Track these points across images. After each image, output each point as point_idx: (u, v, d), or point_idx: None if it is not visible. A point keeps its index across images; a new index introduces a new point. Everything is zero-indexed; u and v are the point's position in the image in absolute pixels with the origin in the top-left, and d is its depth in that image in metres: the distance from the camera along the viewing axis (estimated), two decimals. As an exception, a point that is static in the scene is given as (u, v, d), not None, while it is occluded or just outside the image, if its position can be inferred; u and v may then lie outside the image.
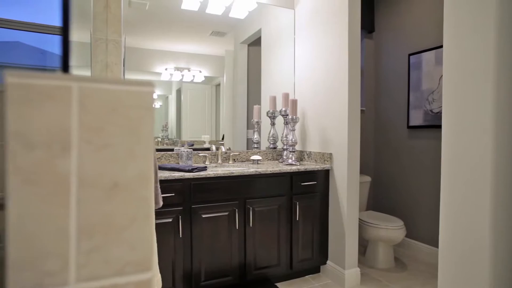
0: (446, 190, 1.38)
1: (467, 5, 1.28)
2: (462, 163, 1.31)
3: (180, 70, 2.41)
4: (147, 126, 0.31)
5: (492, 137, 1.21)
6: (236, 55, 2.67)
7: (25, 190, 0.27)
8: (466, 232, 1.29)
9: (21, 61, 2.16)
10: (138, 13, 2.19)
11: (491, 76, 1.21)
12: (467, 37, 1.29)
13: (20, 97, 0.26)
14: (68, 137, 0.28)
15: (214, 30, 2.51)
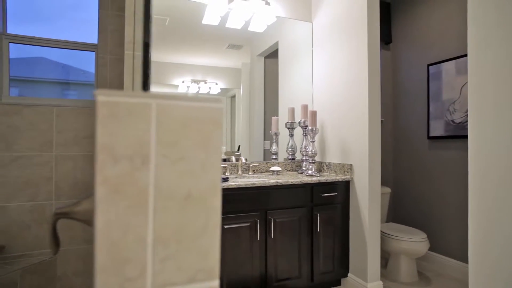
0: (474, 203, 1.35)
1: (494, 14, 1.27)
2: (490, 175, 1.29)
3: (196, 82, 2.46)
4: (217, 140, 0.33)
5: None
6: (252, 67, 2.70)
7: (111, 199, 0.29)
8: (498, 247, 1.26)
9: (45, 75, 2.25)
10: (158, 28, 2.25)
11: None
12: (493, 46, 1.28)
13: (108, 113, 0.28)
14: (148, 151, 0.30)
15: (230, 43, 2.56)
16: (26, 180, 1.92)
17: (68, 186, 2.02)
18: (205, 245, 0.32)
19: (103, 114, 0.28)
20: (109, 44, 2.15)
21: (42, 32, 2.11)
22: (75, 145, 2.05)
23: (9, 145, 1.90)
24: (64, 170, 2.02)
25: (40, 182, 1.96)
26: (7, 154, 1.89)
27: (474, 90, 1.36)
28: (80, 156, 2.05)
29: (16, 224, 1.89)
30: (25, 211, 1.91)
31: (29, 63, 2.19)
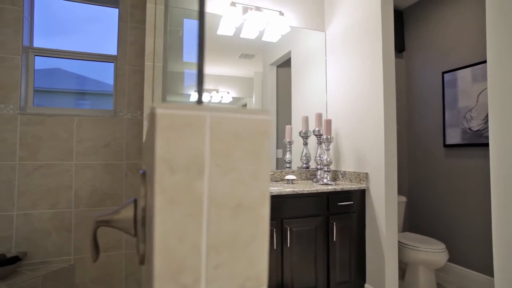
0: (497, 212, 1.32)
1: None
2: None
3: (208, 91, 2.49)
4: (266, 151, 0.34)
5: (549, 157, 1.16)
6: (265, 76, 2.73)
7: (169, 209, 0.30)
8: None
9: (60, 86, 2.31)
10: (172, 39, 2.30)
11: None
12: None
13: (166, 126, 0.30)
14: (202, 161, 0.31)
15: (243, 52, 2.59)
16: (47, 188, 1.97)
17: (87, 194, 2.06)
18: (255, 253, 0.33)
19: (161, 127, 0.30)
20: (128, 55, 2.21)
21: (59, 44, 2.18)
22: (94, 154, 2.09)
23: (33, 154, 1.95)
24: (83, 178, 2.06)
25: (61, 190, 2.00)
26: (30, 163, 1.94)
27: (495, 96, 1.35)
28: (98, 165, 2.09)
29: (38, 231, 1.93)
30: (46, 219, 1.96)
31: (46, 74, 2.26)
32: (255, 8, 2.41)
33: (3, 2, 1.93)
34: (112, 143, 2.13)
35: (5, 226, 1.86)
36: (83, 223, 2.04)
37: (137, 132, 2.20)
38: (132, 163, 2.16)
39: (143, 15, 2.27)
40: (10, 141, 1.91)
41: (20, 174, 1.92)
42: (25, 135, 1.94)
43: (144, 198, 0.48)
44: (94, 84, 2.37)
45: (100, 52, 2.25)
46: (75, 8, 2.24)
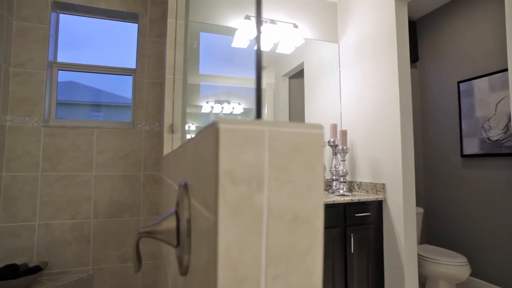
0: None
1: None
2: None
3: (220, 103, 2.51)
4: (320, 164, 0.35)
5: None
6: (277, 87, 2.75)
7: (232, 221, 0.31)
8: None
9: (74, 98, 2.37)
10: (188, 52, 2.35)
11: None
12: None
13: (229, 140, 0.31)
14: (262, 174, 0.32)
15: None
16: (68, 199, 2.01)
17: (106, 205, 2.09)
18: (310, 265, 0.34)
19: (224, 141, 0.31)
20: (146, 68, 2.27)
21: (74, 58, 2.25)
22: (113, 165, 2.13)
23: (55, 165, 2.00)
24: (102, 189, 2.09)
25: (80, 201, 2.03)
26: (53, 174, 1.99)
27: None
28: (117, 176, 2.13)
29: (58, 241, 1.96)
30: (66, 229, 1.99)
31: (61, 87, 2.31)
32: (270, 21, 2.45)
33: (32, 21, 2.01)
34: (130, 155, 2.16)
35: (28, 236, 1.90)
36: (102, 233, 2.06)
37: (154, 143, 2.23)
38: (150, 174, 2.19)
39: (161, 29, 2.34)
40: (34, 153, 1.96)
41: (43, 185, 1.96)
42: (47, 147, 2.00)
43: (188, 209, 0.49)
44: (106, 96, 2.42)
45: (115, 65, 2.31)
46: (92, 22, 2.32)
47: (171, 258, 0.76)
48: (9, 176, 1.90)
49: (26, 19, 2.01)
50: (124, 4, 2.24)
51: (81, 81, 2.34)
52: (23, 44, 1.99)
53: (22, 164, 1.94)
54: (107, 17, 2.32)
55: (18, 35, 1.99)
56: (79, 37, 2.30)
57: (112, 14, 2.30)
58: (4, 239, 1.86)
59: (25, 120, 1.96)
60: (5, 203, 1.88)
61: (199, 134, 0.41)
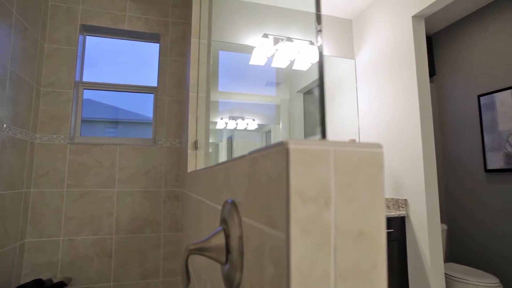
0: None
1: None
2: None
3: (234, 119, 2.53)
4: (381, 182, 0.35)
5: None
6: (291, 103, 2.77)
7: (303, 238, 0.32)
8: None
9: (92, 115, 2.42)
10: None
11: None
12: None
13: (298, 160, 0.33)
14: (329, 192, 0.33)
15: (269, 80, 2.66)
16: (91, 214, 2.04)
17: (127, 221, 2.11)
18: (375, 281, 0.34)
19: (294, 161, 0.32)
20: (167, 86, 2.33)
21: (90, 76, 2.33)
22: (134, 181, 2.16)
23: (79, 181, 2.05)
24: (124, 205, 2.12)
25: (103, 217, 2.07)
26: (76, 190, 2.03)
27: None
28: (138, 192, 2.16)
29: (81, 257, 1.98)
30: (89, 245, 2.01)
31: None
32: (287, 39, 2.51)
33: (61, 43, 2.11)
34: (151, 171, 2.20)
35: (52, 251, 1.93)
36: (123, 249, 2.08)
37: (175, 160, 2.27)
38: (170, 190, 2.22)
39: (182, 49, 2.41)
40: (60, 169, 2.02)
41: (67, 201, 2.01)
42: (73, 163, 2.05)
43: (239, 227, 0.50)
44: (121, 113, 2.48)
45: (134, 83, 2.38)
46: (112, 42, 2.41)
47: (210, 275, 0.76)
48: (36, 192, 1.96)
49: (57, 42, 2.11)
50: (147, 25, 2.33)
51: (98, 99, 2.42)
52: (52, 65, 2.08)
53: (49, 180, 1.99)
54: (130, 38, 2.41)
55: (49, 57, 2.09)
56: (98, 56, 2.39)
57: (135, 35, 2.39)
58: (30, 253, 1.89)
59: (53, 138, 2.03)
60: (32, 218, 1.93)
61: (257, 153, 0.42)
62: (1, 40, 1.57)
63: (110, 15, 2.26)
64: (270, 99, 2.68)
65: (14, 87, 1.71)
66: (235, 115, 2.54)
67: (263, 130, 2.70)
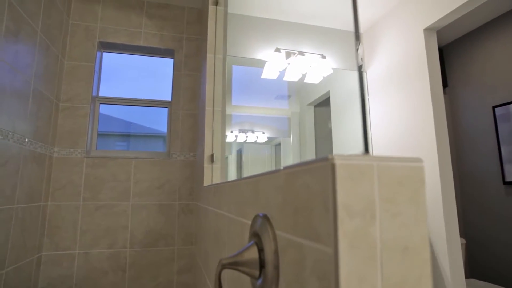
0: None
1: None
2: None
3: (244, 132, 2.53)
4: (423, 196, 0.36)
5: None
6: (302, 116, 2.77)
7: (351, 252, 0.32)
8: None
9: (103, 129, 2.44)
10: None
11: None
12: None
13: (345, 175, 0.33)
14: (374, 207, 0.34)
15: (279, 93, 2.68)
16: (106, 228, 2.06)
17: (142, 235, 2.12)
18: (423, 297, 0.34)
19: (340, 176, 0.33)
20: (181, 100, 2.37)
21: (108, 91, 2.38)
22: (149, 194, 2.18)
23: (95, 194, 2.07)
24: (139, 218, 2.13)
25: (118, 230, 2.08)
26: (92, 203, 2.05)
27: None
28: (153, 205, 2.17)
29: (96, 271, 1.99)
30: (104, 258, 2.02)
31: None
32: (298, 53, 2.54)
33: (80, 60, 2.18)
34: (165, 184, 2.22)
35: (68, 265, 1.94)
36: (137, 263, 2.08)
37: (189, 173, 2.28)
38: (184, 204, 2.22)
39: (195, 64, 2.46)
40: (76, 183, 2.05)
41: (83, 214, 2.03)
42: (89, 176, 2.08)
43: (274, 240, 0.50)
44: (130, 127, 2.50)
45: (145, 97, 2.42)
46: (125, 57, 2.47)
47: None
48: (54, 205, 1.98)
49: (76, 59, 2.18)
50: (162, 41, 2.40)
51: (109, 113, 2.46)
52: (71, 81, 2.15)
53: (66, 193, 2.02)
54: (145, 54, 2.47)
55: (68, 73, 2.15)
56: (112, 71, 2.45)
57: (150, 51, 2.45)
58: (47, 267, 1.90)
59: (70, 151, 2.07)
60: (49, 231, 1.95)
61: (295, 168, 0.43)
62: (27, 59, 1.63)
63: (127, 32, 2.33)
64: (280, 112, 2.69)
65: (36, 102, 1.76)
66: (245, 128, 2.56)
67: (273, 143, 2.70)
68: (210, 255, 1.16)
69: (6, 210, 1.48)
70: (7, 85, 1.47)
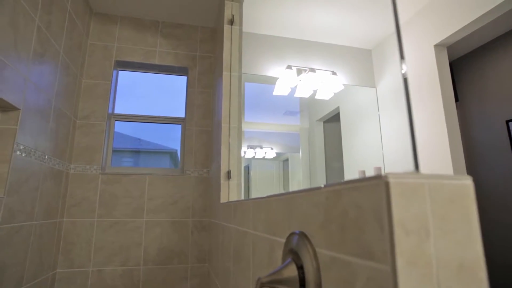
0: None
1: None
2: None
3: (253, 148, 2.54)
4: (475, 214, 0.36)
5: None
6: (311, 132, 2.79)
7: (408, 270, 0.32)
8: None
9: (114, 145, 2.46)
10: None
11: None
12: None
13: (399, 193, 0.34)
14: (427, 224, 0.34)
15: (288, 109, 2.70)
16: (120, 245, 2.05)
17: (155, 252, 2.11)
18: (480, 316, 0.34)
19: (395, 194, 0.34)
20: (195, 117, 2.41)
21: (121, 108, 2.43)
22: (163, 211, 2.18)
23: (109, 211, 2.08)
24: (152, 235, 2.13)
25: (131, 247, 2.07)
26: (107, 220, 2.06)
27: None
28: (166, 222, 2.17)
29: (110, 289, 1.97)
30: (117, 276, 2.01)
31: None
32: (310, 70, 2.58)
33: (97, 78, 2.24)
34: (179, 201, 2.22)
35: (82, 282, 1.93)
36: (150, 281, 2.06)
37: (202, 189, 2.29)
38: (198, 221, 2.22)
39: (208, 81, 2.51)
40: (91, 199, 2.06)
41: (98, 231, 2.03)
42: (104, 193, 2.10)
43: (315, 258, 0.50)
44: (136, 143, 2.52)
45: (157, 113, 2.46)
46: (138, 75, 2.53)
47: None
48: (69, 221, 1.99)
49: (93, 77, 2.24)
50: (176, 59, 2.46)
51: (119, 130, 2.49)
52: (88, 99, 2.20)
53: (81, 210, 2.03)
54: (160, 72, 2.53)
55: (85, 91, 2.21)
56: (126, 88, 2.50)
57: (164, 69, 2.51)
58: (61, 284, 1.90)
59: (86, 168, 2.10)
60: (63, 248, 1.96)
61: (340, 186, 0.44)
62: (50, 78, 1.68)
63: (143, 51, 2.39)
64: (289, 127, 2.71)
65: (56, 120, 1.81)
66: (254, 144, 2.57)
67: (280, 159, 2.70)
68: (232, 273, 1.15)
69: (26, 226, 1.49)
70: (32, 104, 1.51)
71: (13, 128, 1.36)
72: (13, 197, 1.38)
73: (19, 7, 1.33)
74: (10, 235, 1.36)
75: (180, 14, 2.43)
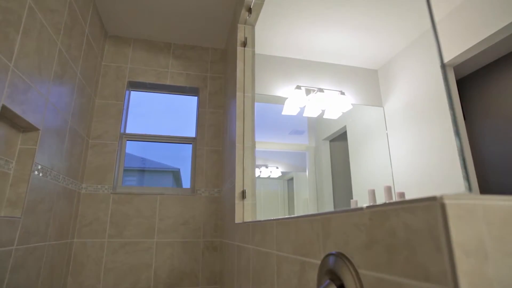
0: None
1: None
2: None
3: (258, 167, 2.54)
4: (531, 235, 0.36)
5: None
6: (317, 151, 2.79)
7: (470, 292, 0.32)
8: None
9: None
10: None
11: None
12: None
13: (455, 214, 0.34)
14: (485, 245, 0.34)
15: (294, 128, 2.72)
16: (130, 266, 2.02)
17: (165, 273, 2.07)
18: None
19: (452, 215, 0.34)
20: (206, 137, 2.43)
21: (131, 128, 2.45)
22: (173, 231, 2.16)
23: (120, 231, 2.06)
24: (163, 256, 2.10)
25: (142, 269, 2.04)
26: (117, 241, 2.04)
27: None
28: (177, 243, 2.14)
29: (120, 312, 1.93)
30: (127, 298, 1.97)
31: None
32: (318, 90, 2.62)
33: (110, 99, 2.29)
34: (190, 221, 2.20)
35: (91, 305, 1.89)
36: (160, 303, 2.01)
37: (213, 209, 2.28)
38: (209, 241, 2.19)
39: (219, 101, 2.55)
40: (102, 219, 2.05)
41: (108, 252, 2.01)
42: (115, 213, 2.09)
43: (358, 280, 0.50)
44: (140, 162, 2.52)
45: (166, 133, 2.48)
46: (149, 95, 2.57)
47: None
48: (79, 242, 1.98)
49: (106, 98, 2.28)
50: (187, 80, 2.51)
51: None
52: (101, 119, 2.23)
53: (92, 230, 2.02)
54: (171, 92, 2.58)
55: (98, 111, 2.24)
56: (137, 108, 2.53)
57: (176, 89, 2.56)
58: (71, 308, 1.86)
59: (97, 188, 2.10)
60: (73, 269, 1.93)
61: (386, 207, 0.44)
62: (67, 99, 1.72)
63: (155, 72, 2.45)
64: (295, 147, 2.72)
65: (71, 140, 1.83)
66: (259, 163, 2.57)
67: (285, 178, 2.69)
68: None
69: (40, 247, 1.48)
70: (50, 125, 1.54)
71: (32, 148, 1.38)
72: (29, 217, 1.38)
73: (44, 32, 1.38)
74: (25, 256, 1.35)
75: (191, 37, 2.50)
